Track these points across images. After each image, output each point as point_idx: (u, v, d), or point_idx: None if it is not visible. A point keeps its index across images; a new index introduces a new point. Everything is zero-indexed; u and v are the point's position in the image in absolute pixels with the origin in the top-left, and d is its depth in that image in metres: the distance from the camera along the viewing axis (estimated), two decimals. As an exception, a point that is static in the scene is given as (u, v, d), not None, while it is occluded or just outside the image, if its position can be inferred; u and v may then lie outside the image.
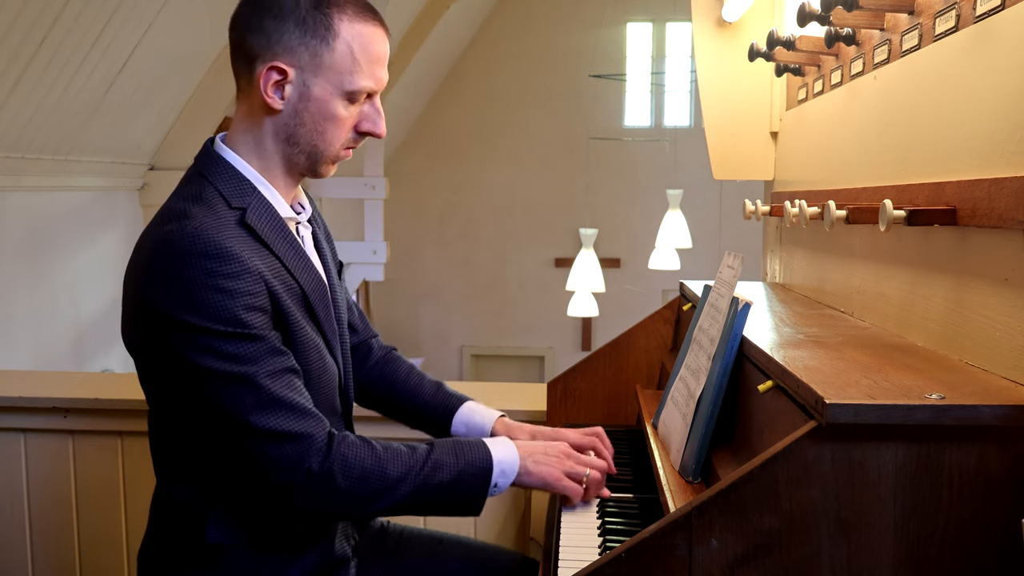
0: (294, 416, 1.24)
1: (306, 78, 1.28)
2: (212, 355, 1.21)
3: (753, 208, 2.08)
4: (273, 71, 1.27)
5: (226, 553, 1.35)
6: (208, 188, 1.30)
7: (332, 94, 1.29)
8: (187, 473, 1.36)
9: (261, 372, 1.23)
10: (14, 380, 2.42)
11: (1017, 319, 1.09)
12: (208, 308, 1.20)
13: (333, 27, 1.27)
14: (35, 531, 2.23)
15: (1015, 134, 1.08)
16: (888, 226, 1.21)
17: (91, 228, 5.06)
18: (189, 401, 1.27)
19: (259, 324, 1.24)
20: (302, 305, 1.33)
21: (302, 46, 1.27)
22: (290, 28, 1.26)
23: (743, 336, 1.38)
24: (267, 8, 1.28)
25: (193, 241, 1.21)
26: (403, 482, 1.29)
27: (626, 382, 2.13)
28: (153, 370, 1.32)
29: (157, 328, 1.24)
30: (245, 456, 1.25)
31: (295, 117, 1.30)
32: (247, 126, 1.34)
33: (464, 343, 9.93)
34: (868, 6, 1.41)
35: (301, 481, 1.24)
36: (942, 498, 0.98)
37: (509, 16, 9.47)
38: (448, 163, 9.71)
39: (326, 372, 1.39)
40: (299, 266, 1.34)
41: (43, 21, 3.66)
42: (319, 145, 1.33)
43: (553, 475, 1.40)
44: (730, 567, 1.01)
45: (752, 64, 2.05)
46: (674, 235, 6.01)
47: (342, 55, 1.28)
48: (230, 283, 1.21)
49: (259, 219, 1.30)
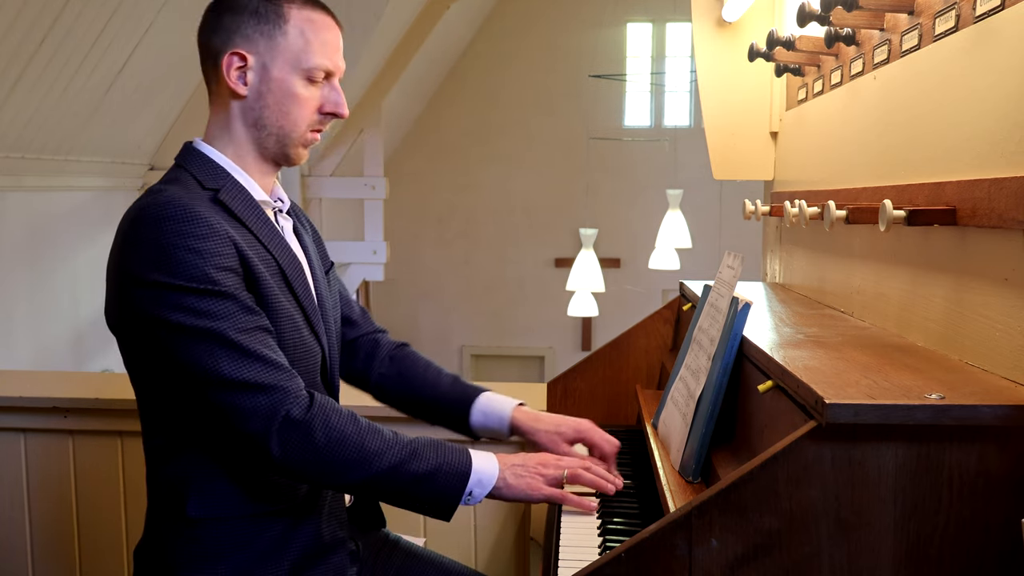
0: (266, 368, 1.28)
1: (265, 61, 1.39)
2: (183, 311, 1.26)
3: (753, 208, 2.08)
4: (235, 57, 1.38)
5: (208, 527, 1.36)
6: (183, 173, 1.40)
7: (290, 73, 1.39)
8: (170, 450, 1.39)
9: (232, 328, 1.27)
10: (14, 380, 2.42)
11: (1017, 319, 1.09)
12: (179, 267, 1.26)
13: (283, 14, 1.39)
14: (35, 531, 2.23)
15: (1015, 134, 1.08)
16: (888, 226, 1.21)
17: (91, 228, 5.06)
18: (164, 364, 1.30)
19: (230, 283, 1.29)
20: (279, 277, 1.38)
21: (257, 33, 1.38)
22: (246, 19, 1.38)
23: (743, 336, 1.38)
24: (225, 9, 1.40)
25: (164, 207, 1.29)
26: (380, 457, 1.31)
27: (626, 382, 2.14)
28: (132, 341, 1.36)
29: (131, 292, 1.29)
30: (220, 411, 1.28)
31: (259, 99, 1.40)
32: (219, 119, 1.43)
33: (464, 343, 9.93)
34: (868, 6, 1.41)
35: (278, 427, 1.27)
36: (942, 498, 0.98)
37: (509, 16, 9.46)
38: (448, 163, 9.71)
39: (303, 346, 1.41)
40: (274, 242, 1.40)
41: (43, 21, 3.66)
42: (285, 126, 1.41)
43: (532, 486, 1.40)
44: (730, 567, 1.01)
45: (752, 64, 2.05)
46: (674, 235, 6.01)
47: (294, 37, 1.39)
48: (199, 243, 1.27)
49: (232, 199, 1.38)
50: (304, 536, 1.41)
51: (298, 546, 1.40)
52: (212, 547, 1.36)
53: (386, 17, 6.09)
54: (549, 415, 1.62)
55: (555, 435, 1.58)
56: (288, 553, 1.39)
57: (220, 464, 1.36)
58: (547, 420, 1.60)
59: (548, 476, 1.42)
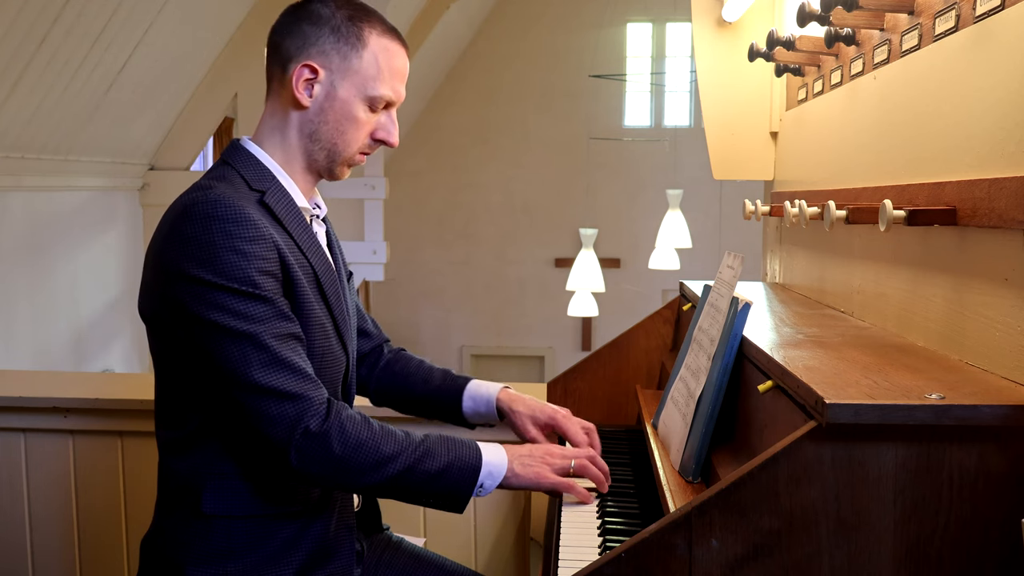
0: (295, 377, 1.30)
1: (334, 79, 1.39)
2: (223, 311, 1.27)
3: (753, 208, 2.08)
4: (306, 68, 1.38)
5: (221, 524, 1.37)
6: (231, 171, 1.40)
7: (355, 97, 1.40)
8: (186, 444, 1.39)
9: (267, 332, 1.29)
10: (14, 380, 2.42)
11: (1017, 319, 1.09)
12: (223, 267, 1.27)
13: (363, 37, 1.40)
14: (35, 531, 2.23)
15: (1015, 134, 1.08)
16: (888, 226, 1.21)
17: (91, 228, 5.06)
18: (195, 359, 1.32)
19: (270, 288, 1.30)
20: (314, 284, 1.40)
21: (334, 51, 1.39)
22: (325, 34, 1.39)
23: (743, 336, 1.38)
24: (306, 17, 1.40)
25: (214, 206, 1.30)
26: (395, 460, 1.33)
27: (626, 382, 2.14)
28: (164, 332, 1.37)
29: (172, 285, 1.30)
30: (245, 413, 1.29)
31: (320, 115, 1.41)
32: (274, 123, 1.44)
33: (464, 343, 9.93)
34: (868, 6, 1.41)
35: (298, 439, 1.28)
36: (942, 498, 0.98)
37: (509, 16, 9.46)
38: (448, 163, 9.71)
39: (331, 354, 1.43)
40: (312, 249, 1.41)
41: (43, 21, 3.66)
42: (339, 144, 1.43)
43: (541, 474, 1.43)
44: (730, 567, 1.01)
45: (752, 64, 2.05)
46: (674, 235, 6.01)
47: (369, 63, 1.40)
48: (246, 246, 1.29)
49: (277, 202, 1.39)
50: (314, 537, 1.42)
51: (307, 547, 1.41)
52: (223, 544, 1.37)
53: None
54: (531, 400, 1.64)
55: (527, 418, 1.61)
56: (297, 554, 1.40)
57: (238, 462, 1.37)
58: (526, 403, 1.63)
59: (555, 466, 1.45)
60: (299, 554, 1.40)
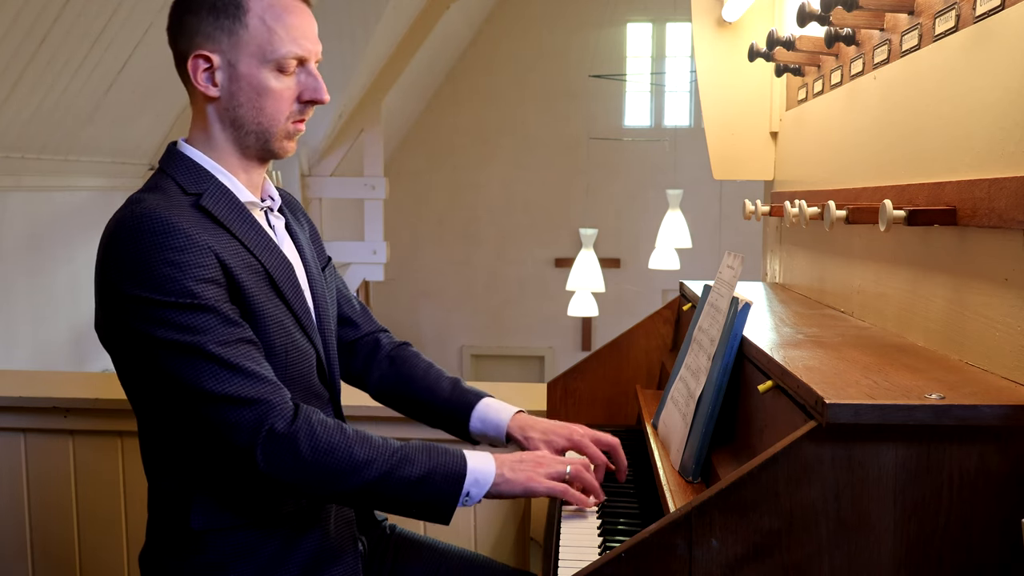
0: (250, 382, 1.26)
1: (230, 58, 1.33)
2: (165, 326, 1.24)
3: (753, 208, 2.08)
4: (199, 59, 1.34)
5: (211, 539, 1.35)
6: (165, 178, 1.37)
7: (259, 67, 1.34)
8: (170, 463, 1.38)
9: (213, 341, 1.25)
10: (14, 380, 2.42)
11: (1017, 319, 1.09)
12: (158, 281, 1.24)
13: (242, 4, 1.33)
14: (35, 531, 2.23)
15: (1015, 134, 1.08)
16: (888, 226, 1.21)
17: (91, 228, 5.03)
18: (152, 378, 1.30)
19: (211, 295, 1.26)
20: (266, 283, 1.36)
21: (218, 30, 1.33)
22: (204, 17, 1.33)
23: (743, 336, 1.38)
24: (184, 8, 1.35)
25: (141, 220, 1.26)
26: (369, 466, 1.28)
27: (626, 382, 2.13)
28: (122, 356, 1.35)
29: (115, 307, 1.28)
30: (209, 425, 1.27)
31: (232, 100, 1.35)
32: (198, 122, 1.40)
33: (464, 343, 9.93)
34: (868, 6, 1.41)
35: (263, 441, 1.25)
36: (942, 498, 0.98)
37: (509, 16, 9.46)
38: (448, 163, 9.71)
39: (296, 349, 1.39)
40: (260, 246, 1.36)
41: (43, 21, 3.66)
42: (263, 122, 1.37)
43: (532, 478, 1.36)
44: (730, 567, 1.01)
45: (752, 64, 2.05)
46: (674, 235, 6.01)
47: (256, 28, 1.33)
48: (178, 256, 1.25)
49: (215, 203, 1.34)
50: (311, 542, 1.40)
51: (305, 552, 1.39)
52: (216, 557, 1.36)
53: (386, 17, 6.09)
54: (543, 422, 1.56)
55: (543, 443, 1.52)
56: (295, 560, 1.38)
57: (220, 476, 1.35)
58: (539, 427, 1.55)
59: (549, 471, 1.39)
60: (297, 559, 1.39)
